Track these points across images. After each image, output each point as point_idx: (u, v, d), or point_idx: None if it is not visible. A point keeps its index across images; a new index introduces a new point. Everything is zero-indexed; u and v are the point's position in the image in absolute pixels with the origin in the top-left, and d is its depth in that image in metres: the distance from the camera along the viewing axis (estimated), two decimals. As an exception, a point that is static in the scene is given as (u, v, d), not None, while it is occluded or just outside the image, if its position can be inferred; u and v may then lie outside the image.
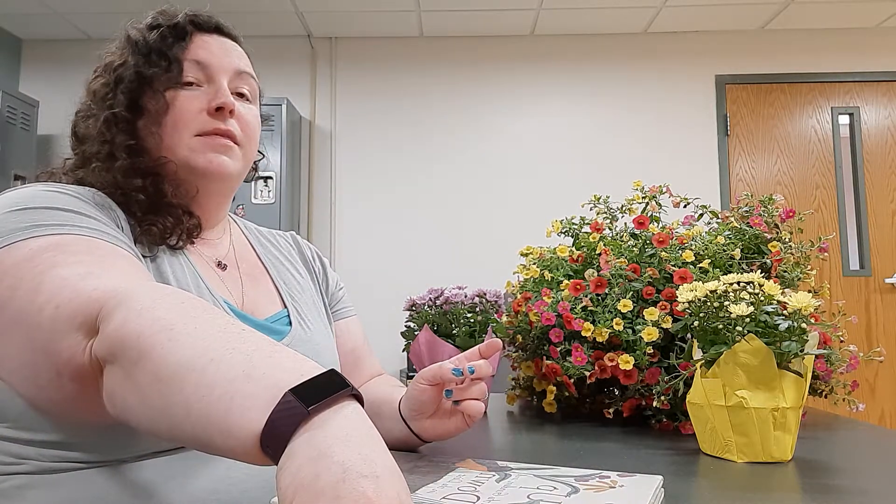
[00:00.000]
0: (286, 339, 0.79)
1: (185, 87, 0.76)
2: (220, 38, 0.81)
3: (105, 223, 0.64)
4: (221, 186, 0.80)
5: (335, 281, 1.00)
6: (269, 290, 0.85)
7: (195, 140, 0.75)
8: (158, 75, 0.74)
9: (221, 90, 0.76)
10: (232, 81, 0.79)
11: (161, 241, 0.72)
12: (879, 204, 3.58)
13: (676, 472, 0.75)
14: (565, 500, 0.55)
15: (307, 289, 0.90)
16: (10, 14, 3.42)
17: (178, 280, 0.71)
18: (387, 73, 3.75)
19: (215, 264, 0.80)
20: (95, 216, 0.64)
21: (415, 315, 1.22)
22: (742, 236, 1.12)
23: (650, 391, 0.98)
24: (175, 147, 0.75)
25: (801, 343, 0.79)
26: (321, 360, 0.79)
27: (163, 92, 0.74)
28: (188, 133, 0.75)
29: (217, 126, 0.76)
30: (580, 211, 1.33)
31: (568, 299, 1.07)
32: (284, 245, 0.96)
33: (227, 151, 0.77)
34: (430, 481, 0.61)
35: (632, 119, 3.67)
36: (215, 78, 0.77)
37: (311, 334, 0.83)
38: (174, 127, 0.74)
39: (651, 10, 3.44)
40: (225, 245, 0.84)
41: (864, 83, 3.66)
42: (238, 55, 0.81)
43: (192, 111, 0.75)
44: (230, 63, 0.79)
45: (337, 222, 3.67)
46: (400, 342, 1.25)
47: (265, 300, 0.82)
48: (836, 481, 0.73)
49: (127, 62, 0.76)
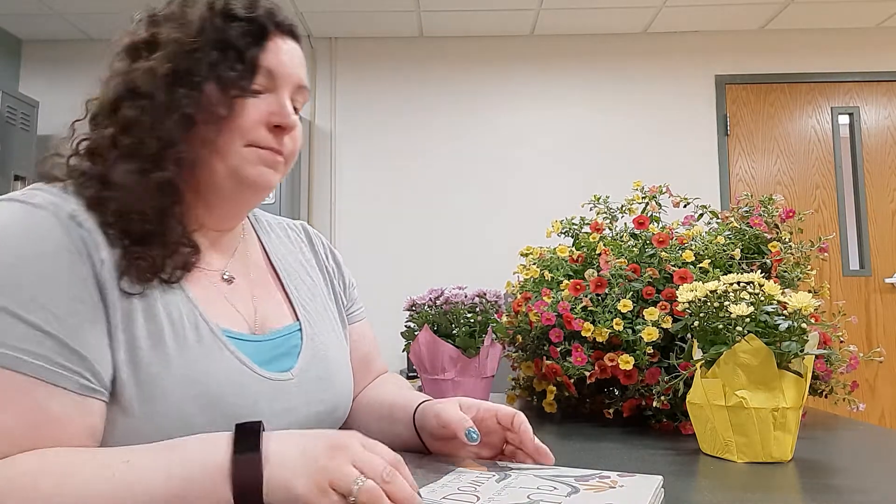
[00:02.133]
0: (298, 360, 0.75)
1: (252, 95, 0.70)
2: (291, 43, 0.75)
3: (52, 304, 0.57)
4: (258, 199, 0.77)
5: (350, 280, 0.96)
6: (278, 300, 0.80)
7: (248, 150, 0.70)
8: (233, 79, 0.68)
9: (285, 108, 0.72)
10: (293, 93, 0.74)
11: (151, 277, 0.64)
12: (879, 204, 3.58)
13: (676, 472, 0.75)
14: (565, 500, 0.55)
15: (319, 294, 0.86)
16: (10, 14, 3.42)
17: (172, 319, 0.65)
18: (387, 73, 3.75)
19: (220, 278, 0.75)
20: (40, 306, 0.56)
21: (415, 315, 1.22)
22: (742, 236, 1.12)
23: (650, 391, 0.98)
24: (227, 154, 0.69)
25: (801, 343, 0.79)
26: (332, 381, 0.79)
27: (231, 97, 0.68)
28: (241, 141, 0.70)
29: (274, 145, 0.72)
30: (580, 211, 1.33)
31: (568, 299, 1.07)
32: (296, 240, 0.91)
33: (276, 166, 0.73)
34: (430, 481, 0.61)
35: (632, 119, 3.67)
36: (280, 90, 0.72)
37: (324, 351, 0.79)
38: (231, 134, 0.69)
39: (651, 10, 3.44)
40: (234, 250, 0.80)
41: (864, 83, 3.66)
42: (302, 65, 0.76)
43: (252, 121, 0.70)
44: (296, 76, 0.74)
45: (337, 222, 3.67)
46: (400, 342, 1.25)
47: (275, 313, 0.78)
48: (836, 481, 0.73)
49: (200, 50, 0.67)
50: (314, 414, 0.74)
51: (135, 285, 0.63)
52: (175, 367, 0.62)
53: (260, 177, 0.72)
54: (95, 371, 0.58)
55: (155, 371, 0.61)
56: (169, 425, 0.60)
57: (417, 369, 1.23)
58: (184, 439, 0.55)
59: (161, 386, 0.61)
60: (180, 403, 0.61)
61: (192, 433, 0.57)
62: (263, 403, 0.68)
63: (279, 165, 0.73)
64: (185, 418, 0.61)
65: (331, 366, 0.79)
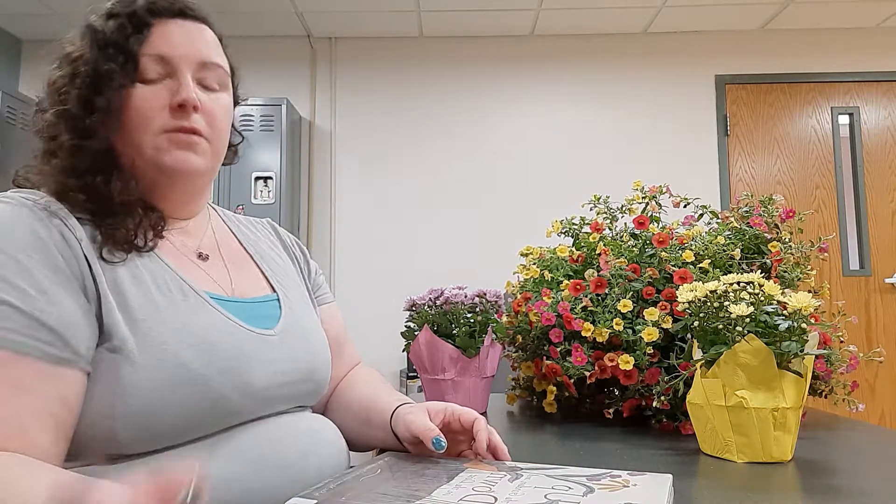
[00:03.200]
0: (279, 323, 0.78)
1: (146, 84, 0.72)
2: (185, 24, 0.76)
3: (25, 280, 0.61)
4: (191, 183, 0.78)
5: (315, 268, 0.99)
6: (255, 274, 0.84)
7: (161, 138, 0.72)
8: (115, 72, 0.71)
9: (184, 86, 0.73)
10: (197, 72, 0.75)
11: (129, 245, 0.69)
12: (879, 204, 3.58)
13: (676, 472, 0.75)
14: (583, 499, 0.55)
15: (290, 274, 0.90)
16: (10, 14, 3.42)
17: (158, 283, 0.69)
18: (387, 73, 3.75)
19: (196, 255, 0.78)
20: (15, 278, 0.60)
21: (415, 315, 1.22)
22: (742, 236, 1.12)
23: (650, 391, 0.98)
24: (141, 145, 0.72)
25: (801, 343, 0.79)
26: (312, 344, 0.81)
27: (119, 89, 0.71)
28: (152, 131, 0.72)
29: (181, 124, 0.73)
30: (580, 211, 1.33)
31: (568, 299, 1.07)
32: (263, 231, 0.95)
33: (193, 148, 0.74)
34: (442, 483, 0.61)
35: (632, 119, 3.67)
36: (177, 72, 0.73)
37: (301, 319, 0.82)
38: (136, 125, 0.72)
39: (651, 10, 3.44)
40: (205, 233, 0.83)
41: (864, 83, 3.66)
42: (204, 42, 0.77)
43: (154, 108, 0.72)
44: (193, 54, 0.75)
45: (337, 222, 3.67)
46: (400, 342, 1.25)
47: (252, 284, 0.82)
48: (836, 481, 0.73)
49: (84, 56, 0.72)
50: (297, 370, 0.77)
51: (115, 254, 0.68)
52: (168, 320, 0.66)
53: (177, 162, 0.73)
54: (66, 341, 0.61)
55: (150, 325, 0.65)
56: (168, 370, 0.63)
57: (417, 369, 1.23)
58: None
59: (158, 337, 0.64)
60: (176, 350, 0.64)
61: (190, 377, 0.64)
62: (251, 352, 0.71)
63: (197, 147, 0.74)
64: (182, 363, 0.64)
65: (308, 333, 0.82)
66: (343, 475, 0.63)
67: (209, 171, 0.78)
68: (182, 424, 0.64)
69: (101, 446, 0.62)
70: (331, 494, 0.55)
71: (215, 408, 0.66)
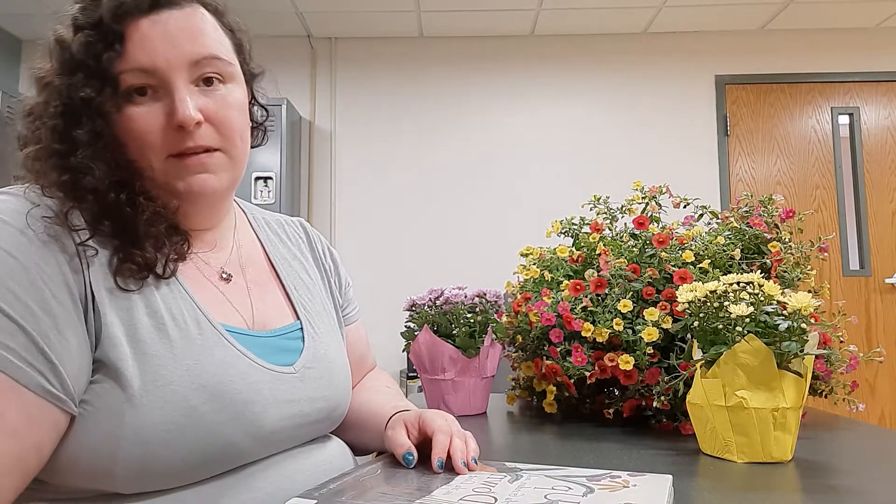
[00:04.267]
0: (301, 358, 0.74)
1: (135, 104, 0.63)
2: (161, 18, 0.64)
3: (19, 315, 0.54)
4: (213, 202, 0.71)
5: (346, 280, 0.94)
6: (278, 300, 0.78)
7: (168, 163, 0.65)
8: (92, 99, 0.61)
9: (178, 102, 0.63)
10: (191, 74, 0.65)
11: (148, 272, 0.63)
12: (879, 204, 3.58)
13: (677, 472, 0.75)
14: (582, 500, 0.55)
15: (317, 293, 0.84)
16: (10, 14, 3.42)
17: (173, 313, 0.63)
18: (387, 73, 3.75)
19: (218, 276, 0.72)
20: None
21: (415, 315, 1.22)
22: (742, 236, 1.12)
23: (650, 391, 0.98)
24: (151, 172, 0.65)
25: (801, 343, 0.79)
26: (333, 380, 0.77)
27: (106, 115, 0.62)
28: (156, 156, 0.64)
29: (186, 145, 0.64)
30: (580, 211, 1.33)
31: (568, 299, 1.07)
32: (294, 237, 0.89)
33: (207, 168, 0.66)
34: (442, 483, 0.61)
35: (632, 119, 3.67)
36: (167, 83, 0.63)
37: (325, 350, 0.78)
38: (137, 150, 0.64)
39: (651, 10, 3.44)
40: (230, 247, 0.77)
41: (864, 83, 3.66)
42: (190, 36, 0.65)
43: (151, 131, 0.63)
44: (181, 56, 0.64)
45: (337, 222, 3.67)
46: (400, 342, 1.25)
47: (275, 312, 0.76)
48: (836, 481, 0.73)
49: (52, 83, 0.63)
50: (316, 410, 0.73)
51: (130, 282, 0.61)
52: (179, 356, 0.61)
53: (192, 187, 0.66)
54: (61, 376, 0.55)
55: (159, 362, 0.59)
56: (175, 414, 0.58)
57: (417, 369, 1.23)
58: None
59: (166, 375, 0.59)
60: (185, 392, 0.60)
61: (197, 421, 0.59)
62: (267, 392, 0.66)
63: (211, 165, 0.66)
64: (191, 406, 0.59)
65: (331, 366, 0.78)
66: (343, 475, 0.63)
67: (232, 183, 0.71)
68: (185, 469, 0.60)
69: (96, 485, 0.58)
70: (331, 494, 0.55)
71: (223, 453, 0.62)
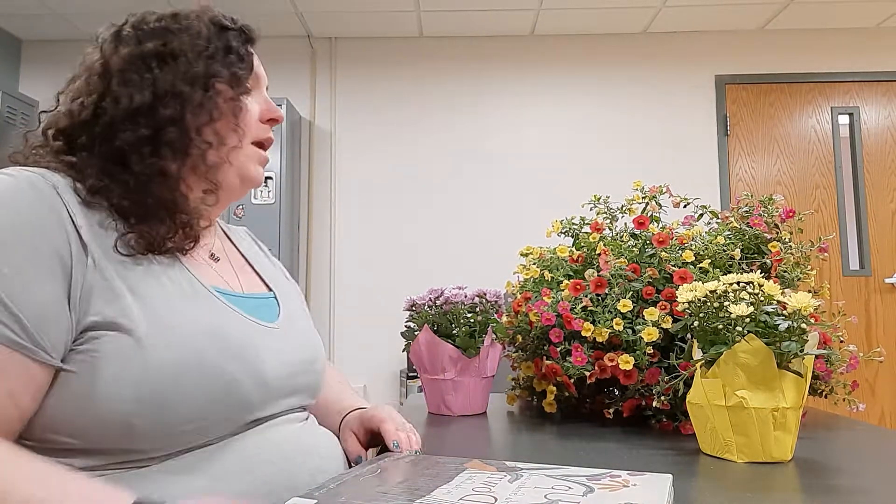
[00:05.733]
0: (279, 318, 0.81)
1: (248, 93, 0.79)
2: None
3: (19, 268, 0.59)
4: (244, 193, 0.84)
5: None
6: (255, 278, 0.88)
7: (253, 150, 0.79)
8: (242, 78, 0.77)
9: (272, 102, 0.82)
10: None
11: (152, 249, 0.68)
12: (879, 204, 3.58)
13: (676, 472, 0.75)
14: (582, 499, 0.55)
15: (281, 278, 0.94)
16: (10, 14, 3.42)
17: (170, 276, 0.69)
18: (387, 73, 3.75)
19: (208, 256, 0.80)
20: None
21: (415, 315, 1.22)
22: (742, 236, 1.12)
23: (650, 391, 0.98)
24: (237, 152, 0.77)
25: (801, 343, 0.79)
26: (309, 337, 0.84)
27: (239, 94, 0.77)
28: (248, 139, 0.78)
29: (269, 136, 0.81)
30: (580, 211, 1.33)
31: (568, 299, 1.07)
32: (248, 239, 0.99)
33: (265, 165, 0.82)
34: (442, 483, 0.61)
35: (632, 119, 3.67)
36: (261, 88, 0.82)
37: (296, 315, 0.86)
38: (241, 131, 0.77)
39: (651, 10, 3.44)
40: (215, 238, 0.87)
41: (864, 83, 3.66)
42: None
43: (254, 117, 0.79)
44: (265, 76, 0.84)
45: (337, 222, 3.67)
46: (400, 342, 1.25)
47: (255, 284, 0.86)
48: (836, 481, 0.73)
49: (214, 56, 0.75)
50: (299, 361, 0.79)
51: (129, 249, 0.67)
52: (180, 308, 0.66)
53: (258, 175, 0.81)
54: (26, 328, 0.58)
55: (161, 312, 0.64)
56: (182, 352, 0.63)
57: (417, 369, 1.23)
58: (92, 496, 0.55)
59: (169, 320, 0.64)
60: (190, 335, 0.64)
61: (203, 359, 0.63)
62: (260, 343, 0.72)
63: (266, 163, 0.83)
64: (195, 348, 0.64)
65: (304, 325, 0.86)
66: (343, 475, 0.63)
67: None
68: (197, 414, 0.63)
69: (118, 442, 0.61)
70: (331, 494, 0.55)
71: (228, 395, 0.66)
